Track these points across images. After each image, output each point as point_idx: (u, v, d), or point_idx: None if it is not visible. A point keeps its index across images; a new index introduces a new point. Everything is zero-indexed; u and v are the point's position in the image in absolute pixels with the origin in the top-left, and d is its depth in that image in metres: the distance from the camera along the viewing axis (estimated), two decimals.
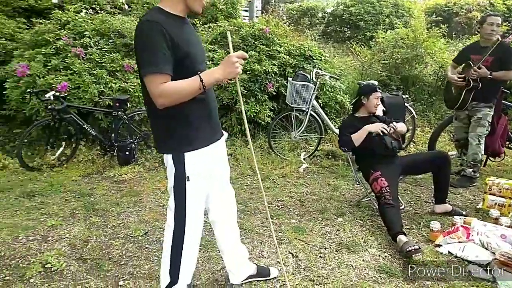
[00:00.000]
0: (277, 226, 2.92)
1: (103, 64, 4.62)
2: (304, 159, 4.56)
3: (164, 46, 1.49)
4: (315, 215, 3.13)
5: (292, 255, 2.52)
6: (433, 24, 6.68)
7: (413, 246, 2.40)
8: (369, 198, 3.27)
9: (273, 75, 5.01)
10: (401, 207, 3.22)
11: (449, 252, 2.47)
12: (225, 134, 1.92)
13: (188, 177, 1.66)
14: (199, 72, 1.55)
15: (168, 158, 1.68)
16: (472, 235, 2.55)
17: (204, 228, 2.07)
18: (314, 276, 2.28)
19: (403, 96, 4.54)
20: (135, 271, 2.34)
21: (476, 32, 3.72)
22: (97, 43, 4.85)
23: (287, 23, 7.53)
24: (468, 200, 3.47)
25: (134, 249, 2.59)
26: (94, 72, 4.45)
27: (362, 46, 6.91)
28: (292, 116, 4.65)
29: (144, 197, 3.45)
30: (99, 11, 5.75)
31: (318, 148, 4.77)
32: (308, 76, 4.54)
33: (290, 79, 4.62)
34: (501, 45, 3.59)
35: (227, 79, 1.64)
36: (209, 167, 1.74)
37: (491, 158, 4.28)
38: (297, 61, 5.28)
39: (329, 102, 5.25)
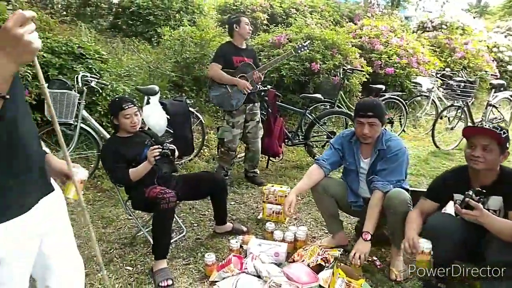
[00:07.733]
0: None
1: None
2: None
3: None
4: None
5: None
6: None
7: (166, 279, 2.24)
8: (142, 232, 2.73)
9: (29, 79, 3.89)
10: (182, 234, 2.85)
11: None
12: None
13: None
14: None
15: None
16: (246, 263, 2.33)
17: None
18: None
19: (188, 101, 4.24)
20: None
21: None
22: None
23: (57, 14, 6.29)
24: (251, 209, 3.39)
25: None
26: None
27: (146, 44, 6.34)
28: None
29: None
30: None
31: (99, 166, 4.00)
32: (68, 82, 3.66)
33: (45, 85, 3.64)
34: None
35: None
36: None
37: (272, 159, 4.45)
38: (63, 61, 4.28)
39: None
